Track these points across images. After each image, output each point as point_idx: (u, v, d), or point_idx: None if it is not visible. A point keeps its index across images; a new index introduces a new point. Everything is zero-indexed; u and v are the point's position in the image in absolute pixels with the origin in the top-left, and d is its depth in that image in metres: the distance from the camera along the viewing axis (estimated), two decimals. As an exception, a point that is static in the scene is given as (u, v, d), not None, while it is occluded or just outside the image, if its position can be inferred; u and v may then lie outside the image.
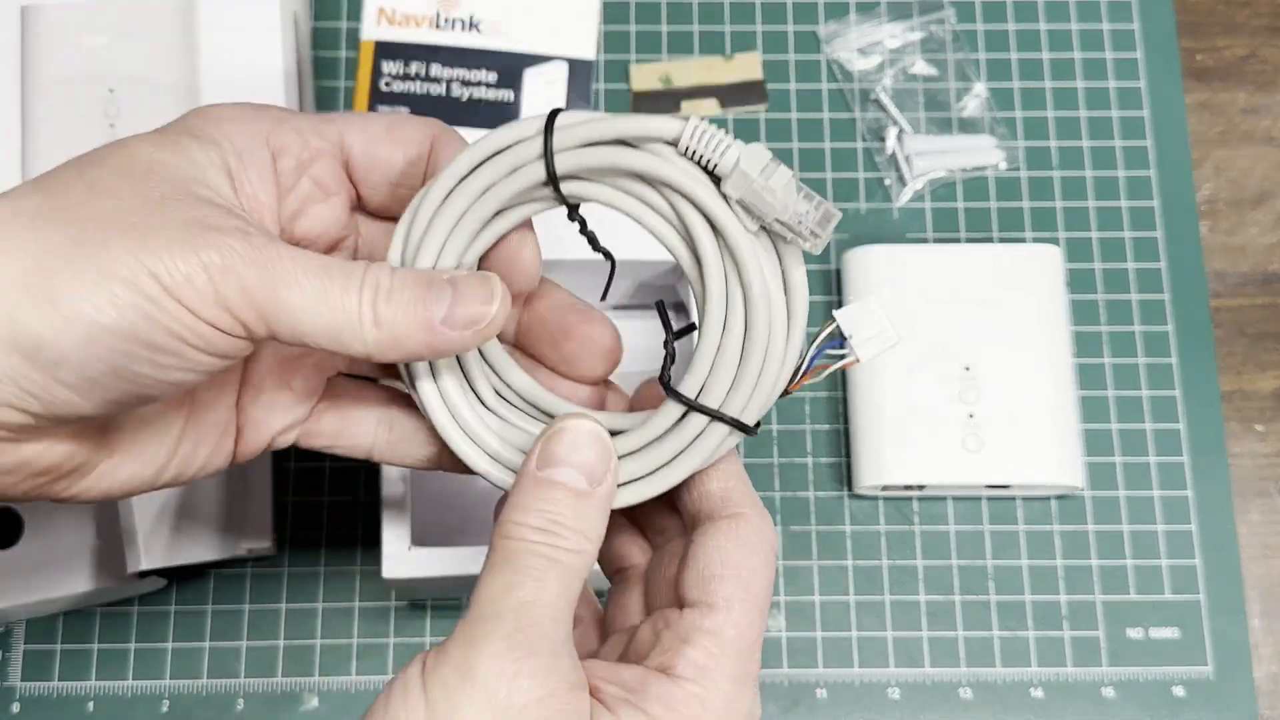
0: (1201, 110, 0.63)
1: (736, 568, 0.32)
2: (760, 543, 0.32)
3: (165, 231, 0.29)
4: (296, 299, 0.30)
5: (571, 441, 0.32)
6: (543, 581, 0.30)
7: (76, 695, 0.53)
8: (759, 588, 0.32)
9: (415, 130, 0.36)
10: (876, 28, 0.63)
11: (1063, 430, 0.55)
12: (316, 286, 0.30)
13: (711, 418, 0.33)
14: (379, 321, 0.31)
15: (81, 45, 0.53)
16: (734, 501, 0.33)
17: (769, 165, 0.31)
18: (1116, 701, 0.54)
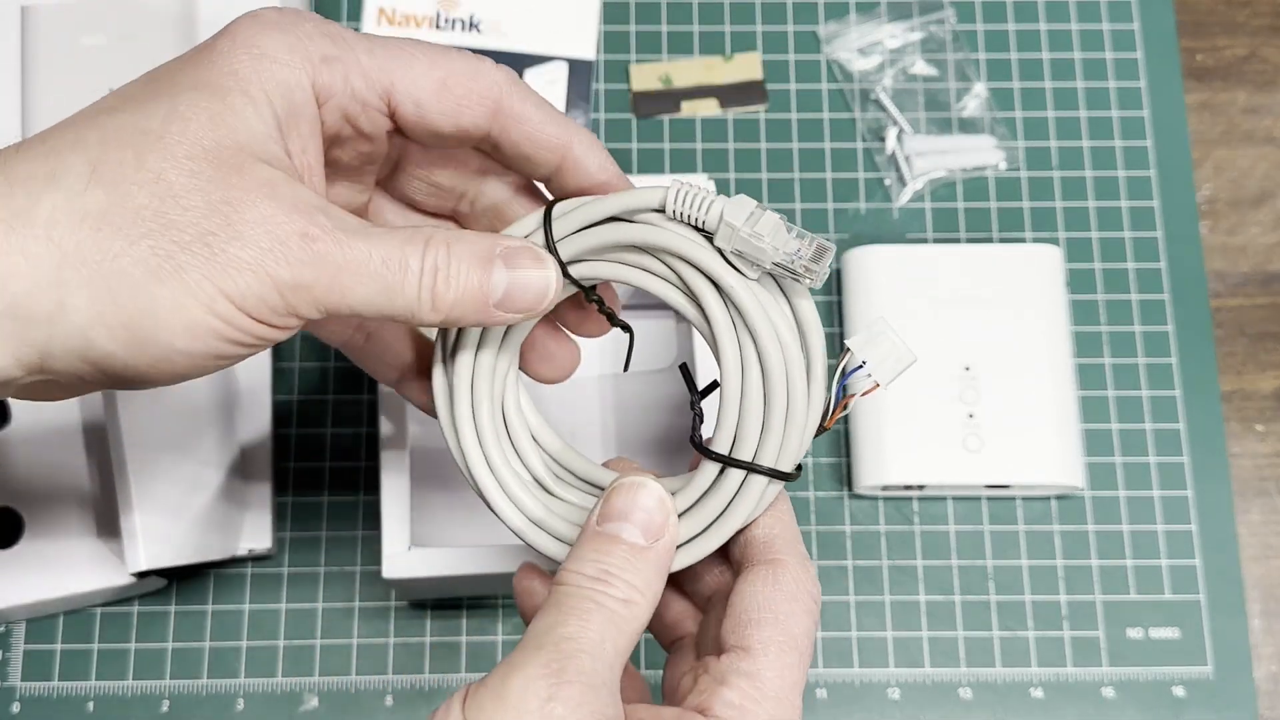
0: (1202, 110, 0.63)
1: (774, 612, 0.32)
2: (799, 590, 0.33)
3: (234, 246, 0.29)
4: (360, 295, 0.31)
5: (630, 498, 0.33)
6: (586, 621, 0.31)
7: (76, 695, 0.53)
8: (799, 632, 0.32)
9: (470, 89, 0.34)
10: (876, 28, 0.63)
11: (1063, 430, 0.55)
12: (380, 282, 0.31)
13: (748, 470, 0.33)
14: (436, 307, 0.32)
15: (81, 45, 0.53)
16: (775, 548, 0.34)
17: (754, 213, 0.32)
18: (1116, 701, 0.54)
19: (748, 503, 0.34)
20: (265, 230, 0.30)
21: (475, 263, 0.32)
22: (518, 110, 0.34)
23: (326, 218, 0.31)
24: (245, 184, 0.30)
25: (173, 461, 0.50)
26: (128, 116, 0.30)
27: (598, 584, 0.31)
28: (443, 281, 0.32)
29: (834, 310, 0.59)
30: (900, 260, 0.57)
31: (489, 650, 0.54)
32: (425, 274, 0.31)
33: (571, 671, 0.29)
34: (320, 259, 0.30)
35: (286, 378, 0.57)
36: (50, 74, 0.52)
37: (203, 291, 0.29)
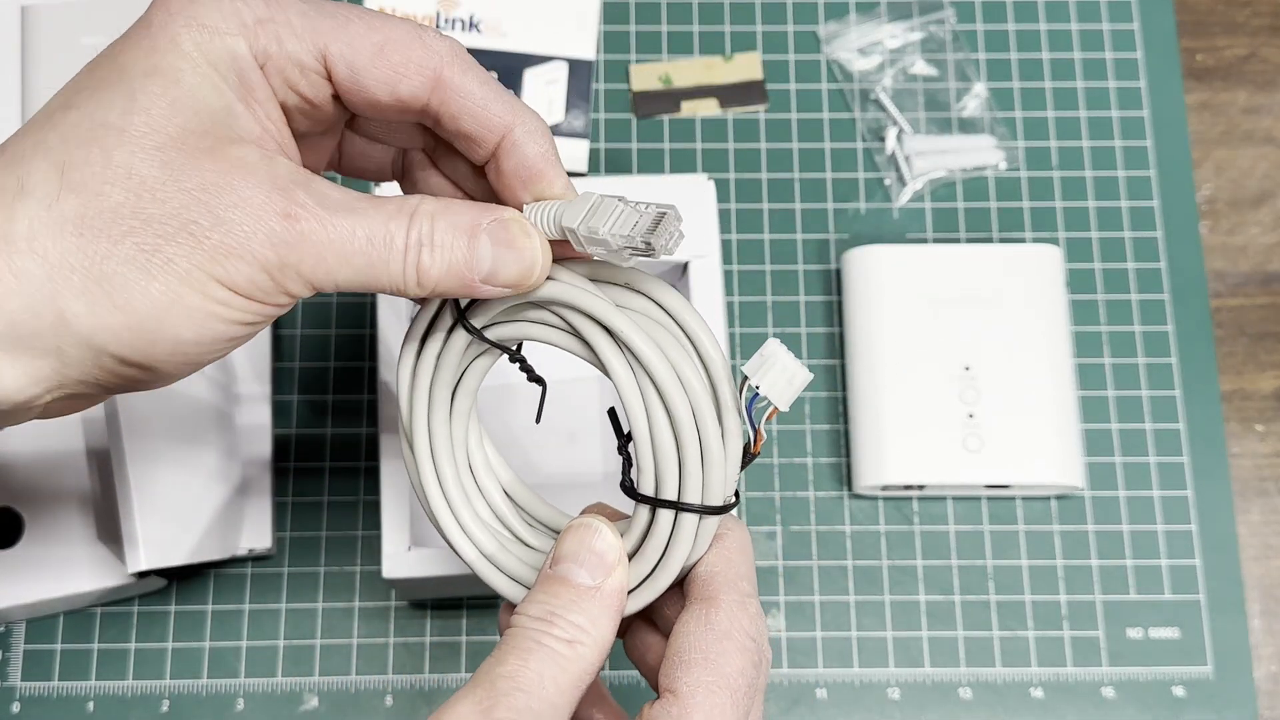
0: (1202, 110, 0.63)
1: (704, 652, 0.31)
2: (732, 628, 0.32)
3: (217, 232, 0.29)
4: (346, 273, 0.31)
5: (579, 540, 0.33)
6: (525, 660, 0.31)
7: (76, 695, 0.53)
8: (730, 671, 0.31)
9: (408, 57, 0.32)
10: (876, 28, 0.63)
11: (1063, 430, 0.55)
12: (366, 260, 0.31)
13: (676, 509, 0.33)
14: (422, 282, 0.31)
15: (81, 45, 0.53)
16: (714, 586, 0.33)
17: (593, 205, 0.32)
18: (1116, 701, 0.54)
19: (684, 542, 0.33)
20: (246, 213, 0.29)
21: (460, 235, 0.32)
22: (459, 83, 0.32)
23: (307, 193, 0.30)
24: (219, 167, 0.29)
25: (173, 461, 0.50)
26: (85, 111, 0.29)
27: (541, 624, 0.31)
28: (427, 255, 0.31)
29: (834, 310, 0.59)
30: (900, 260, 0.57)
31: (489, 650, 0.54)
32: (410, 249, 0.31)
33: (502, 708, 0.29)
34: (304, 239, 0.30)
35: (287, 377, 0.57)
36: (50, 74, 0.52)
37: (195, 279, 0.29)
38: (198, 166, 0.29)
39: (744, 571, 0.33)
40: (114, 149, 0.29)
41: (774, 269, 0.60)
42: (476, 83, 0.33)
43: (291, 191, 0.30)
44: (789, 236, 0.60)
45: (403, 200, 0.31)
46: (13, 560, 0.52)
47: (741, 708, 0.31)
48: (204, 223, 0.29)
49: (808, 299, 0.59)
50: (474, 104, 0.33)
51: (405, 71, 0.32)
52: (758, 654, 0.32)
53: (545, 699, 0.30)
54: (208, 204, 0.29)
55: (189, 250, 0.29)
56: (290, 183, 0.30)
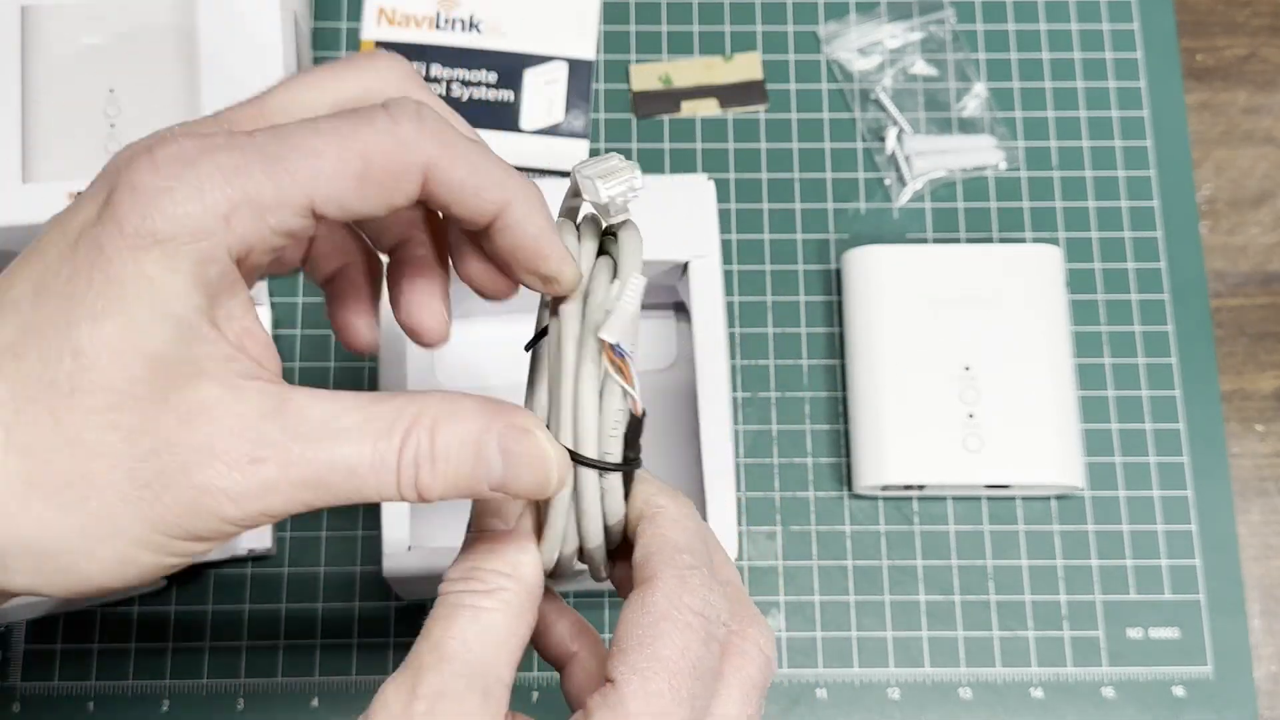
0: (1202, 110, 0.63)
1: (639, 637, 0.29)
2: (671, 607, 0.30)
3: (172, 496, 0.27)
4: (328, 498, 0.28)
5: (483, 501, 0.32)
6: (449, 626, 0.30)
7: (77, 695, 0.53)
8: (669, 653, 0.29)
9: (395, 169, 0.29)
10: (876, 28, 0.63)
11: (1063, 430, 0.55)
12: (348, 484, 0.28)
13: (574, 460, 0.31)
14: (423, 497, 0.29)
15: (81, 45, 0.53)
16: (650, 566, 0.31)
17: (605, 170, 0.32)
18: (1116, 702, 0.54)
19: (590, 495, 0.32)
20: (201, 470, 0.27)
21: (465, 447, 0.29)
22: (448, 177, 0.30)
23: (280, 427, 0.27)
24: (173, 419, 0.27)
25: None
26: (31, 366, 0.27)
27: (461, 583, 0.30)
28: (427, 474, 0.28)
29: (834, 310, 0.59)
30: (900, 260, 0.57)
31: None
32: (405, 469, 0.28)
33: (425, 685, 0.28)
34: (270, 486, 0.27)
35: (287, 377, 0.57)
36: (50, 74, 0.52)
37: (148, 540, 0.27)
38: (152, 424, 0.27)
39: (683, 544, 0.31)
40: (63, 414, 0.27)
41: (774, 269, 0.60)
42: (467, 171, 0.30)
43: (260, 430, 0.27)
44: (789, 236, 0.60)
45: (398, 409, 0.29)
46: (13, 560, 0.52)
47: (685, 690, 0.29)
48: (156, 487, 0.27)
49: (808, 299, 0.59)
50: (464, 194, 0.30)
51: (396, 185, 0.29)
52: (707, 630, 0.30)
53: (474, 661, 0.29)
54: (160, 466, 0.27)
55: (140, 517, 0.27)
56: (258, 418, 0.27)
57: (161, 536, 0.27)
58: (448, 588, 0.31)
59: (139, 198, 0.27)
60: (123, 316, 0.27)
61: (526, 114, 0.61)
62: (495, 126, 0.61)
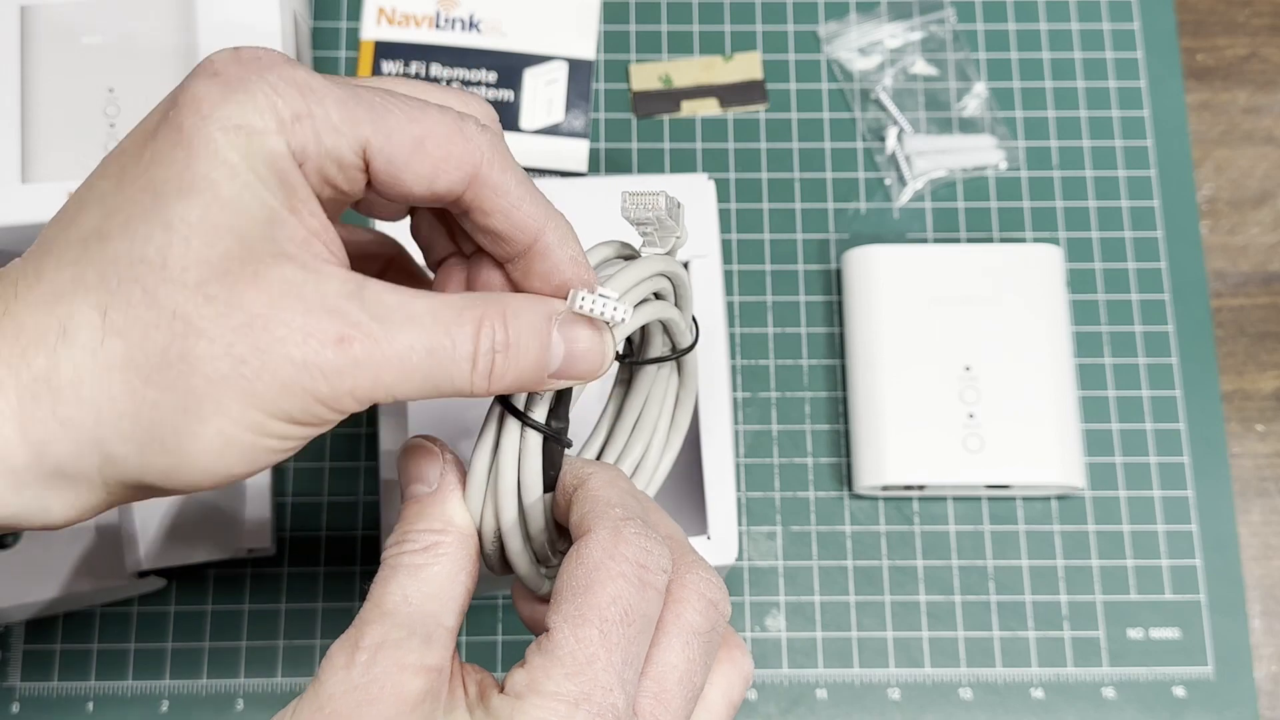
0: (1202, 110, 0.63)
1: (574, 588, 0.30)
2: (605, 557, 0.30)
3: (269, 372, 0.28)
4: (406, 387, 0.29)
5: (409, 460, 0.33)
6: (386, 585, 0.31)
7: (76, 695, 0.53)
8: (601, 600, 0.29)
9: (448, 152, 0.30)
10: (877, 27, 0.63)
11: (1063, 430, 0.55)
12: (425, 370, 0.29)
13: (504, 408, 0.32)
14: (493, 388, 0.30)
15: (81, 45, 0.53)
16: (585, 524, 0.31)
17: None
18: (1117, 702, 0.54)
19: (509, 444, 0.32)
20: (296, 345, 0.28)
21: (533, 336, 0.30)
22: (497, 181, 0.31)
23: (361, 308, 0.28)
24: (265, 297, 0.28)
25: (172, 461, 0.50)
26: (120, 245, 0.28)
27: (395, 546, 0.32)
28: (501, 363, 0.30)
29: (834, 310, 0.59)
30: (900, 260, 0.57)
31: (488, 649, 0.54)
32: (481, 358, 0.30)
33: (366, 637, 0.30)
34: (359, 364, 0.28)
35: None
36: (50, 74, 0.52)
37: (247, 420, 0.28)
38: (243, 298, 0.27)
39: (614, 500, 0.32)
40: (156, 288, 0.27)
41: (774, 269, 0.60)
42: (514, 181, 0.31)
43: (344, 311, 0.28)
44: (789, 236, 0.60)
45: (468, 302, 0.30)
46: (13, 560, 0.52)
47: (615, 635, 0.29)
48: (252, 361, 0.27)
49: (808, 299, 0.59)
50: (509, 203, 0.31)
51: (445, 167, 0.30)
52: (640, 579, 0.30)
53: (413, 613, 0.30)
54: (255, 341, 0.27)
55: (240, 393, 0.28)
56: (342, 299, 0.28)
57: (260, 414, 0.28)
58: (386, 554, 0.32)
59: (218, 84, 0.28)
60: (209, 194, 0.27)
61: (526, 114, 0.61)
62: (495, 126, 0.61)
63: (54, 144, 0.52)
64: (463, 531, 0.32)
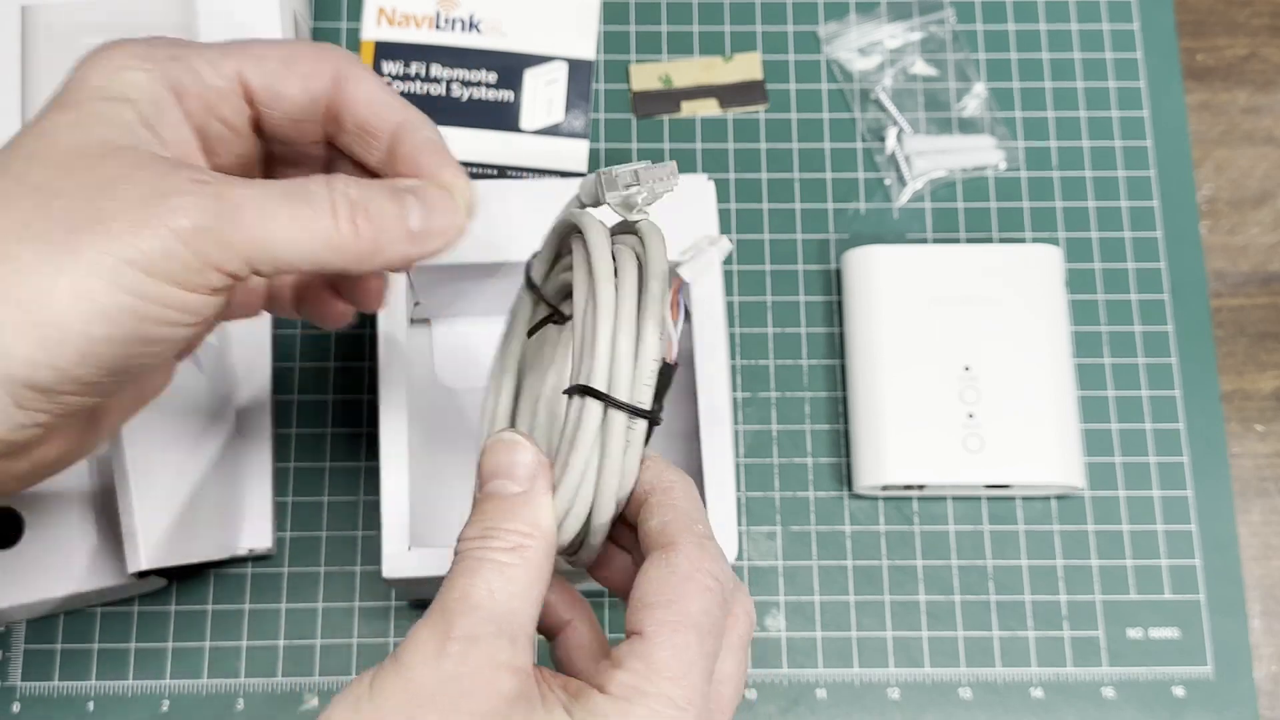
0: (1202, 110, 0.63)
1: (667, 595, 0.31)
2: (694, 569, 0.32)
3: (127, 214, 0.29)
4: (277, 233, 0.31)
5: (496, 456, 0.34)
6: (474, 578, 0.31)
7: (77, 695, 0.53)
8: (695, 610, 0.31)
9: (314, 63, 0.36)
10: (876, 28, 0.63)
11: (1063, 430, 0.55)
12: (290, 215, 0.31)
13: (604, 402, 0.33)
14: (359, 235, 0.32)
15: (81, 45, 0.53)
16: (669, 533, 0.33)
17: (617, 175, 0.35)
18: (1116, 702, 0.54)
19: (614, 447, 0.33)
20: (152, 188, 0.30)
21: (386, 194, 0.33)
22: (358, 75, 0.36)
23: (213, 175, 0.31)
24: (122, 163, 0.31)
25: (173, 461, 0.50)
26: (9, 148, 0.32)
27: (481, 541, 0.32)
28: (361, 211, 0.32)
29: (834, 310, 0.59)
30: (900, 260, 0.57)
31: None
32: (339, 204, 0.32)
33: (457, 628, 0.30)
34: (218, 198, 0.30)
35: (287, 378, 0.57)
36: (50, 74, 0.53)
37: (103, 267, 0.29)
38: (100, 166, 0.30)
39: (697, 516, 0.34)
40: (26, 171, 0.30)
41: (774, 269, 0.60)
42: (372, 79, 0.36)
43: (199, 170, 0.31)
44: (789, 236, 0.60)
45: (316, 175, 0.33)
46: (13, 560, 0.52)
47: (708, 646, 0.31)
48: (109, 208, 0.29)
49: (808, 299, 0.59)
50: (368, 93, 0.36)
51: (314, 72, 0.35)
52: (721, 594, 0.32)
53: (500, 610, 0.31)
54: (113, 193, 0.30)
55: (96, 237, 0.29)
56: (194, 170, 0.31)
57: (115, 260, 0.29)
58: (467, 546, 0.32)
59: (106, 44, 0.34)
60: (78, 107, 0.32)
61: (526, 114, 0.61)
62: (495, 126, 0.61)
63: (54, 144, 0.52)
64: (548, 536, 0.33)
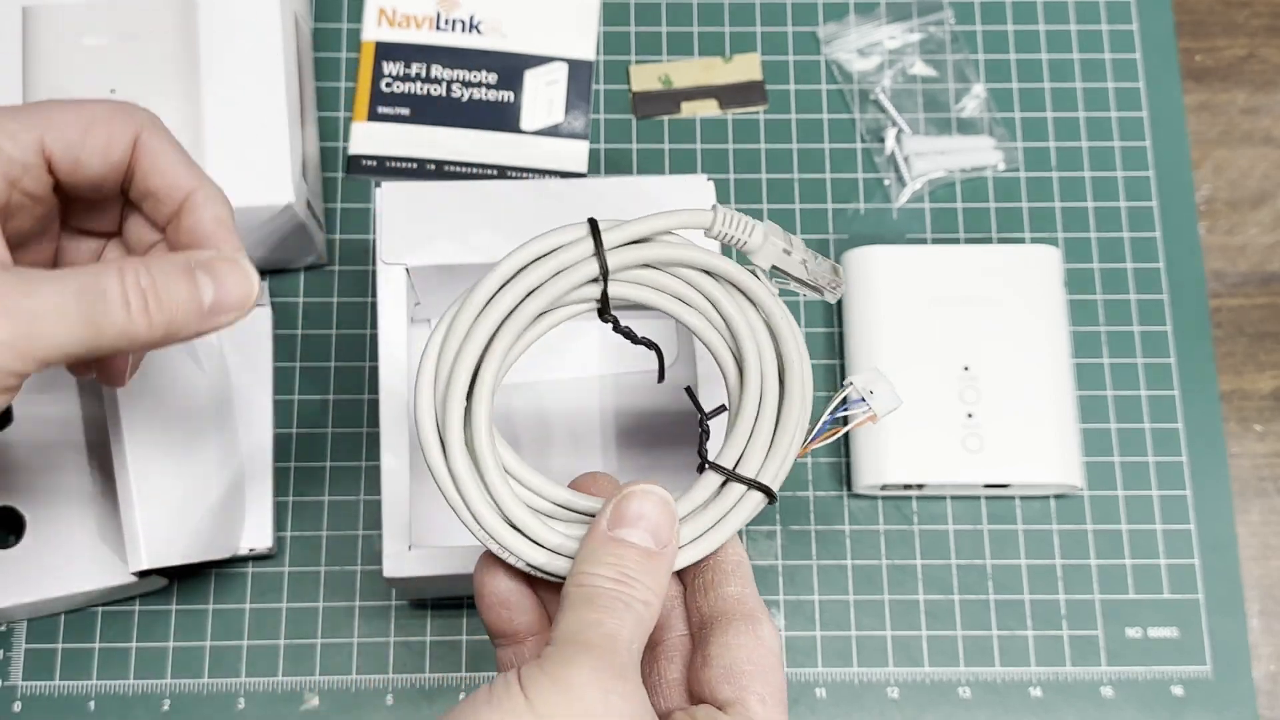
0: (1201, 110, 0.63)
1: (762, 666, 0.33)
2: (775, 644, 0.34)
3: None
4: (73, 334, 0.32)
5: (640, 506, 0.34)
6: (622, 620, 0.32)
7: (77, 694, 0.53)
8: (782, 685, 0.34)
9: (114, 127, 0.36)
10: (876, 29, 0.63)
11: (1062, 430, 0.55)
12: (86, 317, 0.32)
13: (749, 486, 0.35)
14: (153, 324, 0.33)
15: (82, 45, 0.53)
16: (749, 604, 0.35)
17: (784, 233, 0.36)
18: (1115, 701, 0.54)
19: (742, 515, 0.35)
20: None
21: (179, 275, 0.34)
22: (154, 144, 0.36)
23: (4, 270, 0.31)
24: None
25: (174, 461, 0.50)
26: None
27: (620, 585, 0.33)
28: (154, 300, 0.33)
29: (833, 311, 0.59)
30: (900, 260, 0.57)
31: (489, 649, 0.54)
32: (132, 296, 0.33)
33: (620, 667, 0.31)
34: (13, 314, 0.31)
35: (287, 378, 0.57)
36: (51, 74, 0.53)
37: None
38: None
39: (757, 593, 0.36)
40: None
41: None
42: (170, 146, 0.36)
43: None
44: (788, 237, 0.60)
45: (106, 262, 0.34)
46: (14, 559, 0.52)
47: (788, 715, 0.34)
48: None
49: (807, 299, 0.59)
50: (165, 162, 0.36)
51: (113, 139, 0.36)
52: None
53: (633, 655, 0.32)
54: None
55: None
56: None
57: None
58: (603, 584, 0.33)
59: None
60: None
61: (527, 114, 0.61)
62: (495, 127, 0.61)
63: (55, 144, 0.52)
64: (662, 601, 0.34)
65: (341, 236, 0.60)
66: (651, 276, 0.36)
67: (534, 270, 0.35)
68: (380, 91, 0.61)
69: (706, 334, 0.36)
